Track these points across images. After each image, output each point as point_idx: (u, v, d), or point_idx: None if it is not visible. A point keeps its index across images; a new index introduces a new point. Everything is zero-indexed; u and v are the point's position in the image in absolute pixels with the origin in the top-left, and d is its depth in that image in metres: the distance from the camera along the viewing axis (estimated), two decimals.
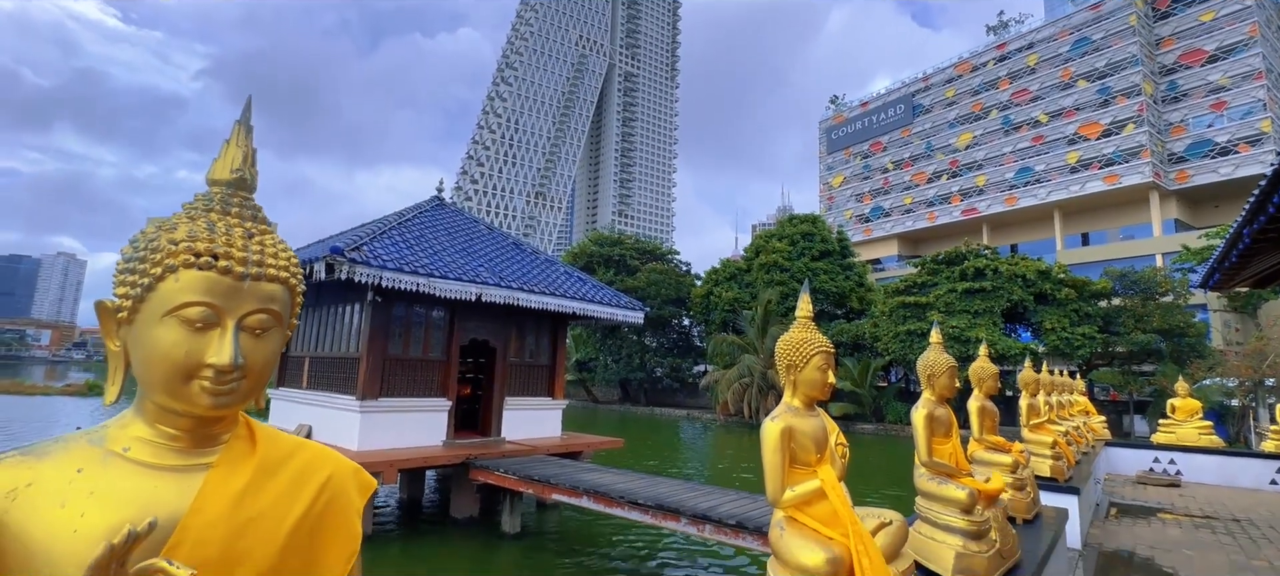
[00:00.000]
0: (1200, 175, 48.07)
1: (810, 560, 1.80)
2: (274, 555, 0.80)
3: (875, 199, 69.95)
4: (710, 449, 24.88)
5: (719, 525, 7.04)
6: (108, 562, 0.64)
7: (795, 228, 39.22)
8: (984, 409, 4.56)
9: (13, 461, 0.73)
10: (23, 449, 0.76)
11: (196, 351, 0.78)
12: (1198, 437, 10.99)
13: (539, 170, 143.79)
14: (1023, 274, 29.89)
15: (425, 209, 14.00)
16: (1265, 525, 7.08)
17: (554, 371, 14.04)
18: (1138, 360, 30.50)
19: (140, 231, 0.84)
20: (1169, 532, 6.65)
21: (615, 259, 46.80)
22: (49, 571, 0.69)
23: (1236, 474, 10.16)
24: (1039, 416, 6.70)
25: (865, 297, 37.13)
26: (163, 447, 0.80)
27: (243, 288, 0.81)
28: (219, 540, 0.75)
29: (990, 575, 2.85)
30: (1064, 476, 6.02)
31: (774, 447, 2.01)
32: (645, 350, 44.35)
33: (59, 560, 0.69)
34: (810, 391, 2.14)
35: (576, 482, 8.94)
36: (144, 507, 0.73)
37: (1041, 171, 55.48)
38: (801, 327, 2.20)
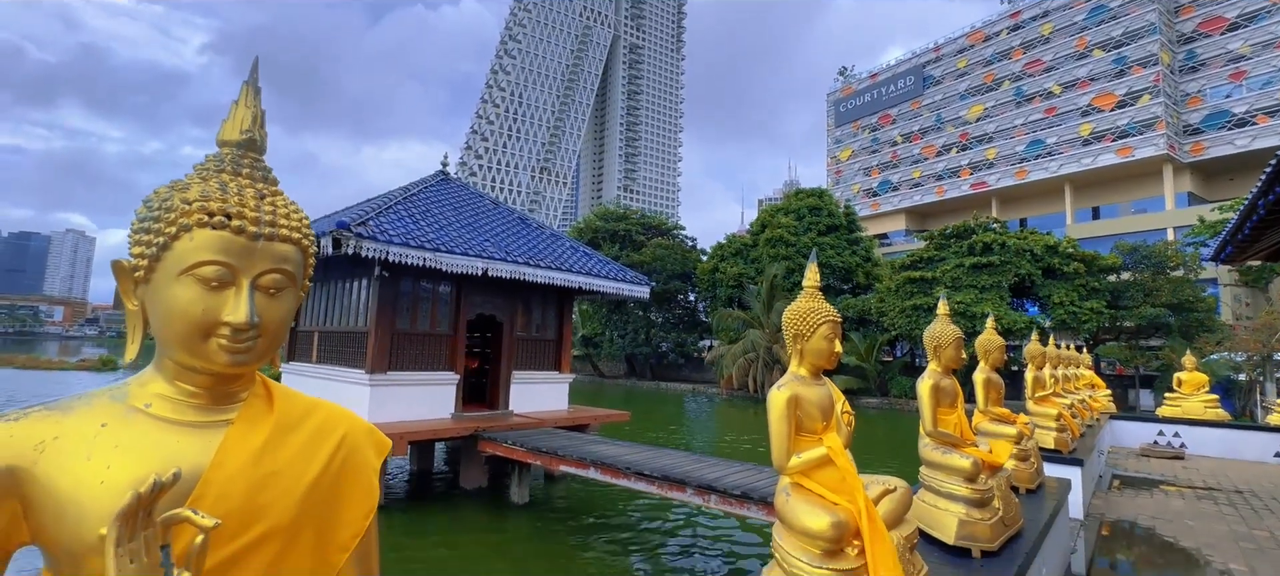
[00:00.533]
0: (1216, 147, 47.24)
1: (815, 524, 1.84)
2: (294, 509, 0.82)
3: (883, 173, 69.23)
4: (715, 423, 25.10)
5: (724, 495, 7.14)
6: (135, 511, 0.66)
7: (801, 202, 38.93)
8: (989, 381, 4.58)
9: (39, 416, 0.76)
10: (48, 404, 0.78)
11: (213, 309, 0.80)
12: (1203, 411, 10.99)
13: (544, 145, 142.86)
14: (1031, 248, 29.68)
15: (430, 183, 13.97)
16: (1267, 496, 7.11)
17: (560, 346, 14.14)
18: (1145, 335, 30.39)
19: (154, 191, 0.85)
20: (1171, 504, 6.69)
21: (621, 234, 46.70)
22: (78, 520, 0.72)
23: (1240, 447, 10.18)
24: (1044, 389, 6.71)
25: (871, 272, 36.99)
26: (183, 404, 0.82)
27: (256, 247, 0.83)
28: (240, 493, 0.78)
29: (993, 541, 2.89)
30: (1068, 448, 6.05)
31: (780, 415, 2.04)
32: (651, 325, 44.49)
33: (88, 509, 0.72)
34: (817, 360, 2.16)
35: (584, 454, 9.06)
36: (167, 461, 0.75)
37: (1053, 144, 54.65)
38: (809, 297, 2.21)
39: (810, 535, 1.84)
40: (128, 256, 0.84)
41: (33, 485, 0.71)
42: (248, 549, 0.78)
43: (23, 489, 0.71)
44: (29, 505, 0.72)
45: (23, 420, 0.74)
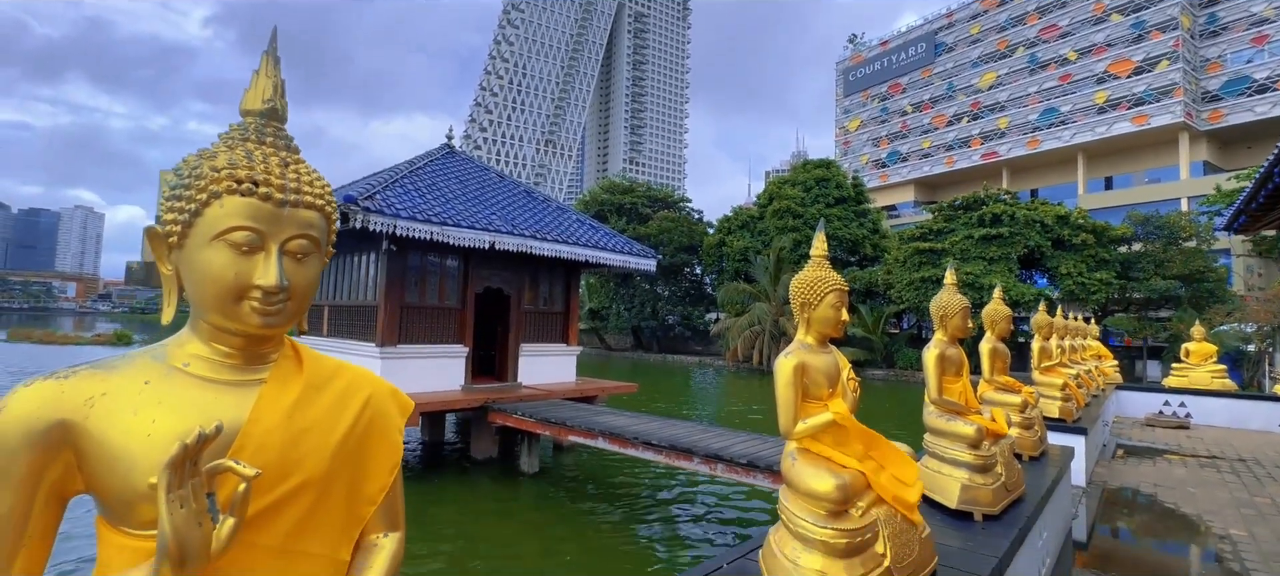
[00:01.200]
0: (1234, 114, 46.21)
1: (821, 486, 1.89)
2: (326, 463, 0.87)
3: (892, 143, 68.28)
4: (721, 394, 25.30)
5: (731, 464, 7.25)
6: (183, 460, 0.71)
7: (809, 173, 38.58)
8: (995, 350, 4.61)
9: (87, 374, 0.80)
10: (93, 363, 0.83)
11: (245, 273, 0.83)
12: (1210, 381, 10.98)
13: (548, 117, 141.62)
14: (1041, 219, 29.38)
15: (435, 157, 13.94)
16: (1271, 465, 7.15)
17: (568, 318, 14.23)
18: (1155, 306, 30.20)
19: (183, 160, 0.89)
20: (1174, 472, 6.75)
21: (627, 207, 46.53)
22: (128, 470, 0.77)
23: (1247, 416, 10.19)
24: (1050, 359, 6.73)
25: (879, 244, 36.79)
26: (219, 364, 0.87)
27: (283, 214, 0.86)
28: (276, 447, 0.82)
29: (994, 505, 2.95)
30: (1072, 417, 6.09)
31: (787, 382, 2.08)
32: (657, 298, 44.58)
33: (136, 460, 0.77)
34: (824, 328, 2.19)
35: (592, 424, 9.20)
36: (206, 416, 0.80)
37: (1067, 112, 53.62)
38: (816, 266, 2.23)
39: (816, 497, 1.89)
40: (157, 224, 0.88)
41: (84, 438, 0.76)
42: (285, 499, 0.83)
43: (75, 441, 0.76)
44: (82, 456, 0.76)
45: (72, 377, 0.78)
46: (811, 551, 1.85)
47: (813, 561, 1.83)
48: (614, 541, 7.83)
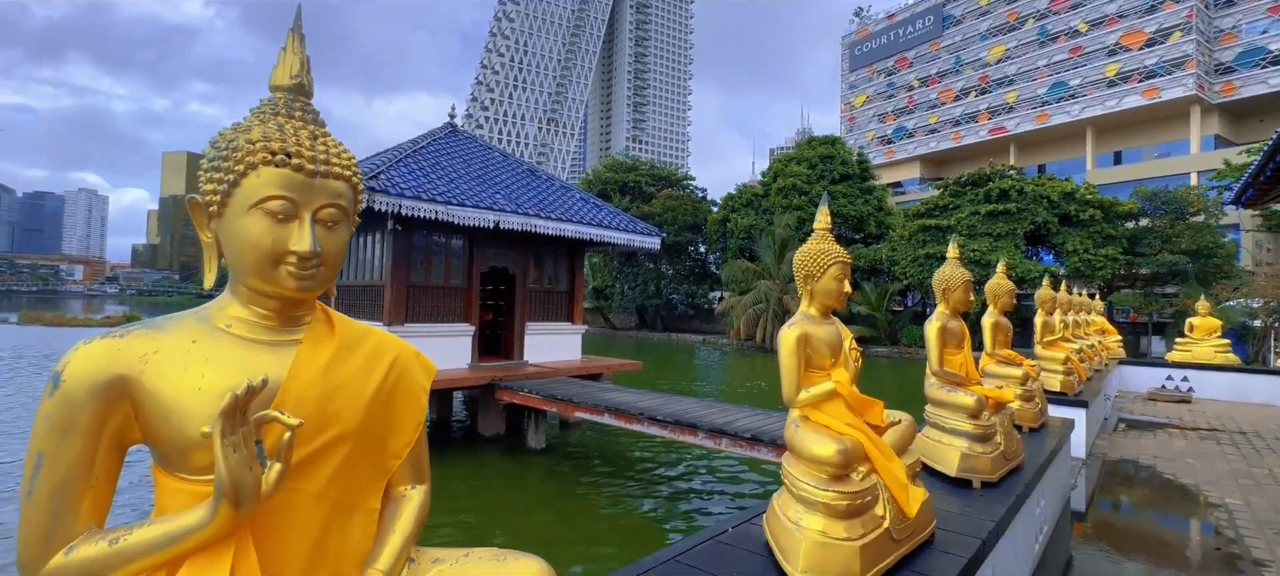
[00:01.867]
0: (1248, 87, 45.44)
1: (823, 452, 1.95)
2: (358, 417, 0.94)
3: (898, 119, 67.53)
4: (725, 372, 25.45)
5: (735, 438, 7.36)
6: (234, 410, 0.77)
7: (814, 150, 38.30)
8: (997, 324, 4.65)
9: (140, 333, 0.86)
10: (143, 324, 0.89)
11: (281, 240, 0.89)
12: (1213, 355, 11.01)
13: (550, 95, 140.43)
14: (1048, 195, 29.17)
15: (439, 136, 13.92)
16: (1271, 437, 7.21)
17: (572, 297, 14.30)
18: (1161, 282, 30.07)
19: (219, 133, 0.94)
20: (1174, 444, 6.82)
21: (630, 185, 46.37)
22: (181, 420, 0.83)
23: (1249, 390, 10.24)
24: (1053, 333, 6.78)
25: (884, 221, 36.63)
26: (258, 326, 0.93)
27: (314, 184, 0.91)
28: (313, 401, 0.89)
29: (993, 473, 3.02)
30: (1074, 391, 6.15)
31: (790, 352, 2.14)
32: (661, 277, 44.63)
33: (189, 411, 0.83)
34: (826, 300, 2.24)
35: (598, 401, 9.31)
36: (249, 373, 0.85)
37: (1077, 86, 52.83)
38: (819, 239, 2.28)
39: (819, 461, 1.96)
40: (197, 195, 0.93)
41: (140, 391, 0.83)
42: (322, 450, 0.89)
43: (132, 393, 0.82)
44: (138, 408, 0.83)
45: (127, 336, 0.84)
46: (813, 513, 1.92)
47: (814, 522, 1.90)
48: (622, 513, 7.99)
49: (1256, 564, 3.64)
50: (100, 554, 0.77)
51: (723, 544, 2.21)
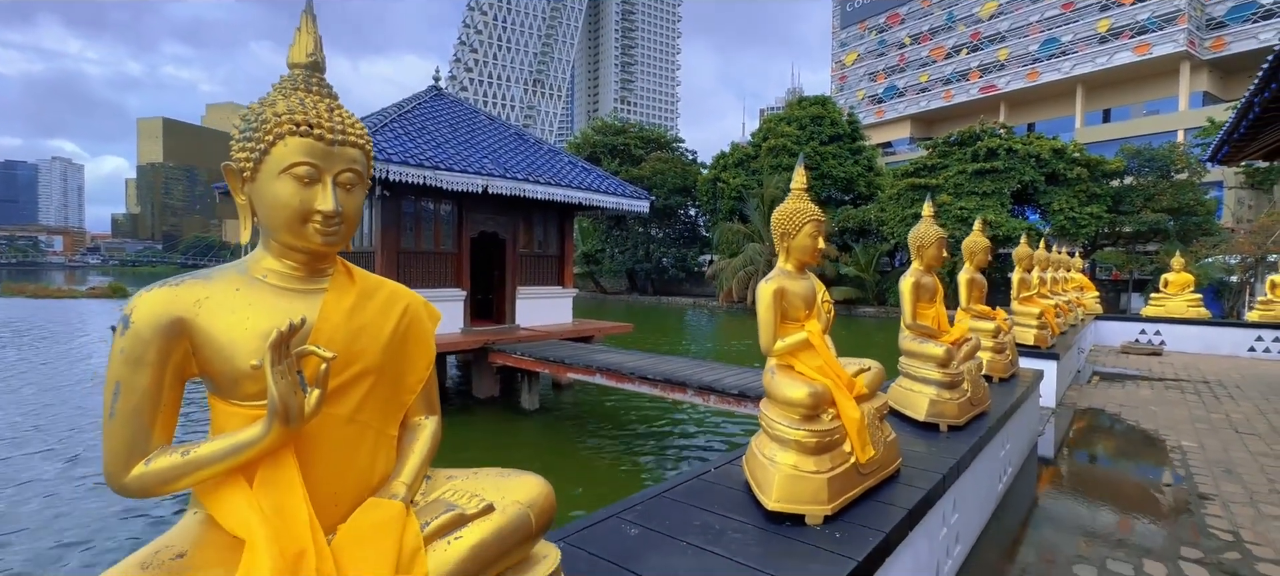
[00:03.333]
0: (1238, 42, 45.40)
1: (795, 395, 2.13)
2: (379, 355, 1.08)
3: (889, 78, 66.96)
4: (715, 334, 25.80)
5: (722, 394, 7.60)
6: (281, 343, 0.92)
7: (805, 110, 38.03)
8: (973, 281, 4.84)
9: (191, 282, 1.00)
10: (193, 275, 1.02)
11: (308, 200, 1.02)
12: (1186, 310, 11.36)
13: (535, 55, 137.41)
14: (1036, 153, 29.29)
15: (424, 100, 13.76)
16: (1232, 386, 7.56)
17: (563, 261, 14.40)
18: (1143, 239, 30.52)
19: (248, 107, 1.06)
20: (1140, 393, 7.14)
21: (619, 148, 45.94)
22: (232, 355, 0.98)
23: (1217, 342, 10.62)
24: (1029, 290, 7.01)
25: (873, 183, 36.67)
26: (289, 276, 1.06)
27: (333, 151, 1.04)
28: (341, 340, 1.03)
29: (959, 418, 3.23)
30: (1046, 344, 6.40)
31: (767, 304, 2.29)
32: (651, 240, 44.65)
33: (238, 347, 0.98)
34: (802, 256, 2.38)
35: (590, 362, 9.52)
36: (286, 316, 0.99)
37: (1068, 42, 52.54)
38: (795, 199, 2.41)
39: (792, 404, 2.13)
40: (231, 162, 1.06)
41: (196, 331, 0.97)
42: (350, 382, 1.04)
43: (189, 333, 0.96)
44: (195, 345, 0.97)
45: (181, 285, 0.98)
46: (787, 450, 2.10)
47: (788, 458, 2.08)
48: (615, 468, 8.28)
49: (1202, 497, 3.92)
50: (175, 463, 0.92)
51: (706, 482, 2.40)
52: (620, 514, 2.06)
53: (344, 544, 0.91)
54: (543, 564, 1.11)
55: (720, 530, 1.97)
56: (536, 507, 1.11)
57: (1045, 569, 3.00)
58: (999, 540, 3.35)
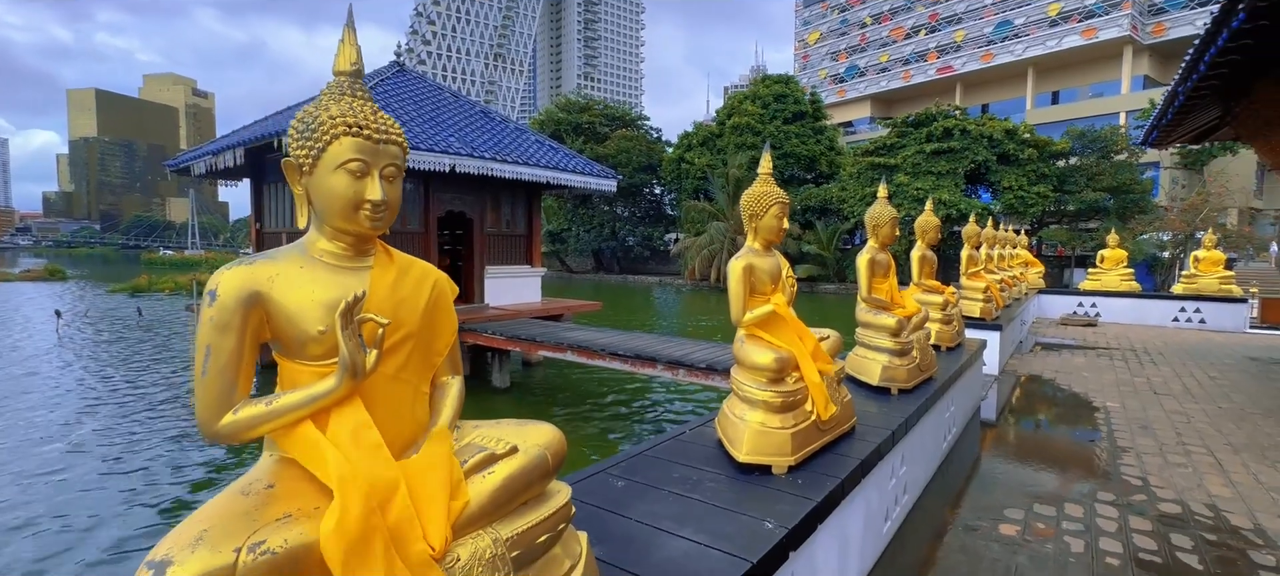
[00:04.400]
0: (1177, 27, 47.56)
1: (763, 360, 2.37)
2: (418, 322, 1.26)
3: (851, 57, 67.91)
4: (682, 311, 26.21)
5: (691, 369, 7.89)
6: (349, 311, 1.09)
7: (768, 89, 38.40)
8: (924, 257, 5.19)
9: (263, 262, 1.15)
10: (263, 254, 1.18)
11: (360, 191, 1.18)
12: (1119, 283, 12.18)
13: (496, 29, 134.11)
14: (990, 134, 30.37)
15: (386, 76, 13.49)
16: (1156, 353, 8.24)
17: (531, 240, 14.44)
18: (1086, 217, 32.11)
19: (304, 109, 1.21)
20: (1074, 360, 7.73)
21: (584, 126, 45.61)
22: (302, 322, 1.14)
23: (1147, 313, 11.46)
24: (976, 266, 7.46)
25: (835, 161, 37.43)
26: (341, 256, 1.22)
27: (380, 149, 1.19)
28: (388, 310, 1.20)
29: (908, 382, 3.55)
30: (991, 316, 6.87)
31: (737, 279, 2.52)
32: (617, 219, 44.69)
33: (307, 315, 1.14)
34: (768, 235, 2.62)
35: (560, 339, 9.68)
36: (345, 288, 1.17)
37: (1021, 25, 54.15)
38: (762, 182, 2.63)
39: (759, 368, 2.37)
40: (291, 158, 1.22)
41: (270, 302, 1.12)
42: (395, 345, 1.21)
43: (264, 304, 1.12)
44: (269, 314, 1.13)
45: (255, 264, 1.13)
46: (755, 409, 2.35)
47: (755, 416, 2.33)
48: (587, 443, 8.51)
49: (1120, 450, 4.38)
50: (259, 411, 1.08)
51: (682, 441, 2.64)
52: (607, 469, 2.28)
53: (410, 474, 1.09)
54: (557, 497, 1.31)
55: (697, 480, 2.21)
56: (552, 449, 1.31)
57: (981, 514, 3.36)
58: (943, 491, 3.71)
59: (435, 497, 1.08)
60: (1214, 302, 11.06)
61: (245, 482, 1.05)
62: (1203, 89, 6.78)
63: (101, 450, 7.73)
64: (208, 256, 57.90)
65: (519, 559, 1.19)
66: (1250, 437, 4.64)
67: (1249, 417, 5.18)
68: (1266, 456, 4.23)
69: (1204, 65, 5.88)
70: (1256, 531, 3.13)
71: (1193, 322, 11.10)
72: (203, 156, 11.90)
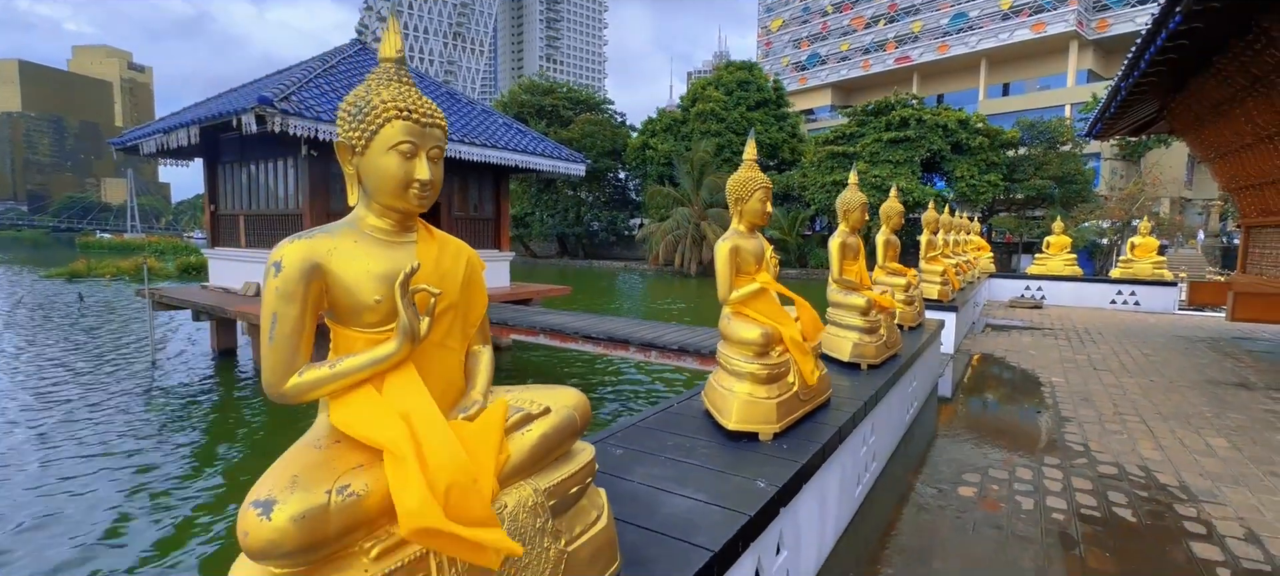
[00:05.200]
0: (1119, 24, 49.80)
1: (749, 335, 2.52)
2: (458, 294, 1.35)
3: (813, 45, 68.81)
4: (647, 295, 26.42)
5: (664, 350, 8.06)
6: (406, 281, 1.17)
7: (732, 75, 38.69)
8: (888, 242, 5.45)
9: (321, 237, 1.22)
10: (319, 230, 1.24)
11: (409, 171, 1.25)
12: (1063, 268, 12.91)
13: (455, 7, 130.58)
14: (944, 123, 31.37)
15: (348, 54, 13.11)
16: (1095, 332, 8.82)
17: (499, 224, 14.34)
18: (1033, 205, 33.64)
19: (354, 92, 1.28)
20: (1022, 340, 8.22)
21: (547, 109, 45.05)
22: (358, 292, 1.22)
23: (1087, 296, 12.19)
24: (935, 250, 7.83)
25: (796, 149, 38.06)
26: (389, 231, 1.30)
27: (426, 132, 1.27)
28: (435, 282, 1.29)
29: (876, 358, 3.78)
30: (948, 298, 7.25)
31: (724, 260, 2.66)
32: (582, 204, 44.47)
33: (363, 285, 1.22)
34: (753, 219, 2.76)
35: (532, 323, 9.72)
36: (396, 261, 1.25)
37: (975, 18, 55.78)
38: (747, 168, 2.77)
39: (746, 343, 2.53)
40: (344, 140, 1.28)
41: (329, 274, 1.20)
42: (441, 314, 1.30)
43: (323, 275, 1.19)
44: (328, 285, 1.20)
45: (314, 238, 1.20)
46: (742, 381, 2.50)
47: (743, 387, 2.49)
48: None
49: (1063, 420, 4.75)
50: (324, 374, 1.15)
51: (671, 413, 2.78)
52: (604, 440, 2.41)
53: (464, 435, 1.19)
54: (583, 455, 1.43)
55: (690, 447, 2.36)
56: (580, 410, 1.43)
57: (941, 478, 3.62)
58: (907, 459, 3.97)
59: (487, 455, 1.18)
60: (1148, 286, 11.86)
61: (314, 437, 1.14)
62: (1142, 85, 7.25)
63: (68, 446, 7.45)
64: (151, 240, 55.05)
65: (555, 508, 1.31)
66: (1177, 407, 5.09)
67: (1177, 389, 5.66)
68: (1190, 423, 4.66)
69: (1145, 62, 6.30)
70: (1181, 487, 3.48)
71: (1129, 304, 11.88)
72: (154, 134, 11.38)
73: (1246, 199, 8.48)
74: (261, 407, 8.92)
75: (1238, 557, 2.73)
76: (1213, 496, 3.36)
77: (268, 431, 8.01)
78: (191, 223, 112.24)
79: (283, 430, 7.99)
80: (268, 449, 7.42)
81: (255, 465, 6.86)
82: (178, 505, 5.83)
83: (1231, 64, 6.53)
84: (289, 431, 8.01)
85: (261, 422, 8.32)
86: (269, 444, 7.59)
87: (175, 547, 5.06)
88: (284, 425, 8.08)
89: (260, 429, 8.11)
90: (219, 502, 5.88)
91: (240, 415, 8.75)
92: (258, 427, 8.16)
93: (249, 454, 7.24)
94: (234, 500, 5.95)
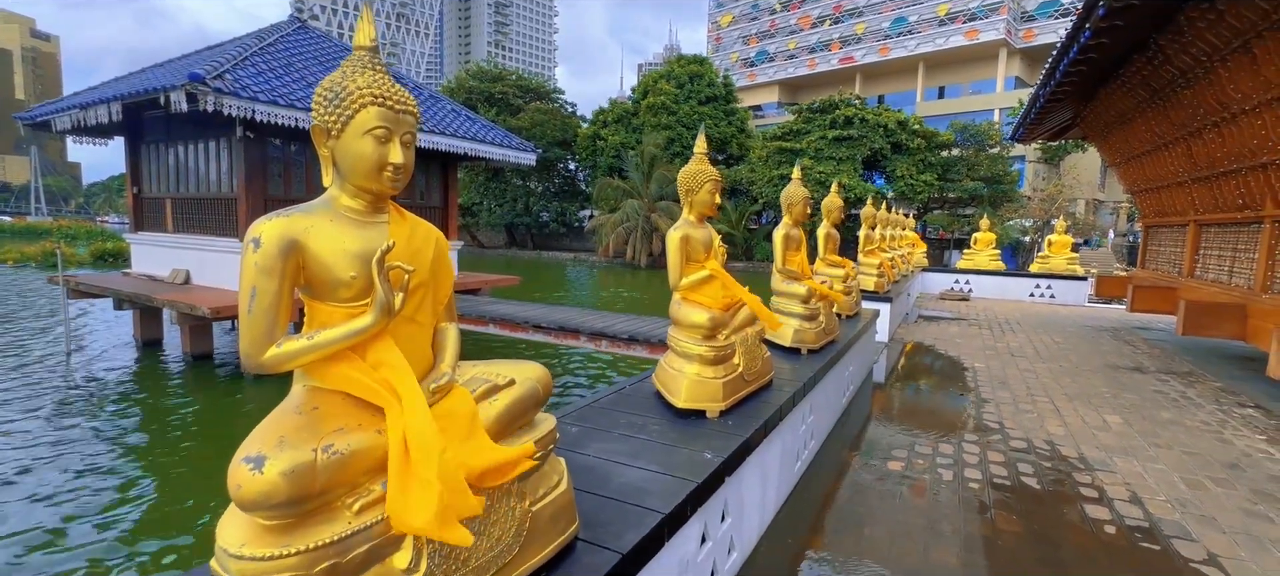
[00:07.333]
0: (1044, 34, 52.98)
1: (698, 319, 2.68)
2: (427, 272, 1.42)
3: (761, 42, 70.10)
4: (597, 286, 26.48)
5: (614, 339, 8.19)
6: (382, 258, 1.23)
7: (683, 69, 38.99)
8: (829, 235, 5.74)
9: (298, 215, 1.26)
10: (296, 209, 1.28)
11: (383, 155, 1.31)
12: (988, 263, 13.78)
13: None
14: (885, 123, 32.67)
15: (286, 32, 12.53)
16: (1015, 322, 9.51)
17: (447, 213, 14.08)
18: (964, 204, 35.55)
19: (329, 78, 1.32)
20: (950, 330, 8.78)
21: (497, 97, 44.21)
22: (333, 269, 1.27)
23: (1009, 289, 13.06)
24: (872, 244, 8.25)
25: (745, 144, 38.79)
26: (362, 211, 1.35)
27: (400, 117, 1.33)
28: (407, 260, 1.35)
29: (816, 343, 4.02)
30: (883, 290, 7.67)
31: (675, 248, 2.80)
32: (531, 194, 43.96)
33: (338, 262, 1.27)
34: (702, 209, 2.91)
35: (482, 313, 9.66)
36: (370, 240, 1.31)
37: (914, 22, 58.19)
38: (698, 161, 2.92)
39: (695, 326, 2.68)
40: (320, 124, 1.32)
41: (305, 251, 1.24)
42: (413, 290, 1.37)
43: (300, 252, 1.24)
44: (305, 262, 1.25)
45: (291, 216, 1.24)
46: (691, 362, 2.66)
47: (691, 368, 2.64)
48: None
49: (982, 401, 5.17)
50: (301, 345, 1.20)
51: (624, 394, 2.91)
52: (561, 419, 2.51)
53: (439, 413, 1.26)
54: (545, 424, 1.53)
55: (642, 424, 2.49)
56: (542, 382, 1.53)
57: (873, 455, 3.90)
58: (843, 437, 4.24)
59: (459, 430, 1.27)
60: (1062, 280, 12.83)
61: (293, 405, 1.19)
62: (1058, 93, 7.84)
63: None
64: (61, 224, 50.74)
65: (520, 472, 1.41)
66: (1081, 389, 5.61)
67: (1082, 373, 6.22)
68: (1091, 403, 5.15)
69: (1060, 73, 6.83)
70: (1080, 459, 3.88)
71: (1045, 297, 12.82)
72: (69, 110, 10.60)
73: (1146, 201, 9.31)
74: (193, 400, 8.52)
75: (1122, 516, 3.10)
76: (1105, 465, 3.77)
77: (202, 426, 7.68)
78: (106, 206, 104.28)
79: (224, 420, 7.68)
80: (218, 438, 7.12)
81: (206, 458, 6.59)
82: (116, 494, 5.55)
83: (1134, 77, 7.16)
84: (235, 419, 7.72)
85: (194, 415, 7.96)
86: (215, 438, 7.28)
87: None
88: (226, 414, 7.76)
89: (194, 422, 7.76)
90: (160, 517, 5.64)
91: (172, 407, 8.33)
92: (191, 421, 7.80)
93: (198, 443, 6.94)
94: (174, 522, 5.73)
